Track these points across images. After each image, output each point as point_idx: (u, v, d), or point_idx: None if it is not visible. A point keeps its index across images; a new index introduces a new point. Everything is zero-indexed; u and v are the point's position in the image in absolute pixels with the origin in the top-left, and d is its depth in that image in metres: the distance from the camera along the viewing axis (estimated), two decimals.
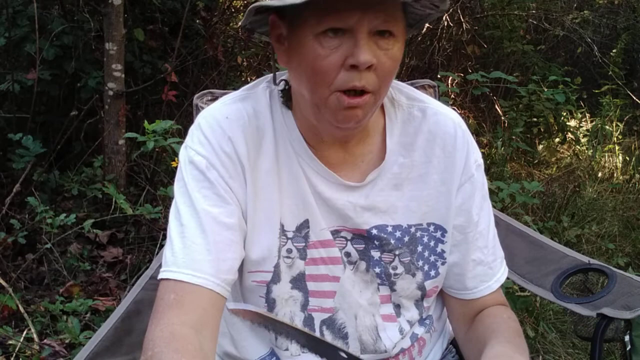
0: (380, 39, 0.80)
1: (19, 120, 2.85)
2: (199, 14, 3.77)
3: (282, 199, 0.93)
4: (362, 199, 0.95)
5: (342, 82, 0.80)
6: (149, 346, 0.77)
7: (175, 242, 0.86)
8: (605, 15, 5.72)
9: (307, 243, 0.95)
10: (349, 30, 0.78)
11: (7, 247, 2.39)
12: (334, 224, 0.96)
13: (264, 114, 0.93)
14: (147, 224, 2.68)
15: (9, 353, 1.87)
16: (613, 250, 3.02)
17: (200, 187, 0.88)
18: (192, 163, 0.89)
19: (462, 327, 1.04)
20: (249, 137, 0.91)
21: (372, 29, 0.79)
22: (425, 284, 1.00)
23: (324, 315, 0.98)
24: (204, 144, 0.89)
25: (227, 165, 0.89)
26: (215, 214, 0.87)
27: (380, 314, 1.00)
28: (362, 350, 1.00)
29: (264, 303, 0.97)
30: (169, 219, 0.90)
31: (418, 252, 0.98)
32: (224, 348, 1.05)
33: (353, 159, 0.95)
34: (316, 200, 0.94)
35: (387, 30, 0.80)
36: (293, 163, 0.93)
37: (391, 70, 0.83)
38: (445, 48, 4.68)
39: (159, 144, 2.13)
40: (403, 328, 1.01)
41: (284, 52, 0.87)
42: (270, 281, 0.95)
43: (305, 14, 0.80)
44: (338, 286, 0.97)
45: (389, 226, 0.96)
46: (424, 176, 0.96)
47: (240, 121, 0.91)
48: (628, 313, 1.16)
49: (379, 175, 0.95)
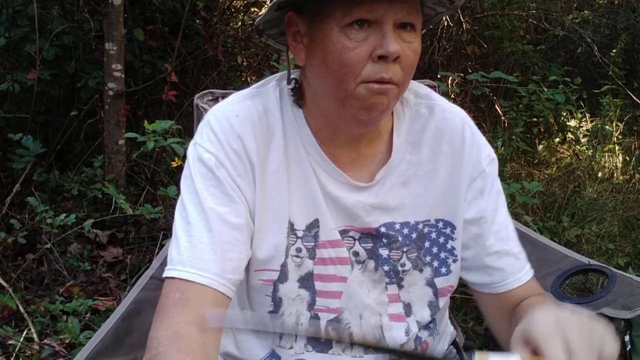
0: (404, 32, 0.82)
1: (19, 120, 2.85)
2: (199, 14, 3.77)
3: (291, 197, 0.93)
4: (372, 198, 0.95)
5: (369, 73, 0.81)
6: (152, 345, 0.77)
7: (182, 241, 0.85)
8: (605, 15, 5.72)
9: (316, 242, 0.95)
10: (375, 22, 0.80)
11: (7, 247, 2.39)
12: (342, 223, 0.95)
13: (273, 112, 0.93)
14: (147, 224, 2.68)
15: (9, 353, 1.87)
16: (613, 250, 3.02)
17: (208, 185, 0.87)
18: (201, 161, 0.89)
19: (501, 323, 1.00)
20: (259, 136, 0.91)
21: (397, 21, 0.80)
22: (436, 280, 0.99)
23: (330, 316, 0.98)
24: (213, 141, 0.89)
25: (236, 163, 0.89)
26: (223, 213, 0.86)
27: (388, 313, 0.99)
28: (365, 350, 0.99)
29: (270, 302, 0.97)
30: (175, 215, 0.89)
31: (425, 248, 0.98)
32: (225, 348, 1.05)
33: (363, 159, 0.96)
34: (325, 199, 0.94)
35: (410, 23, 0.82)
36: (303, 162, 0.93)
37: (414, 64, 0.85)
38: (445, 48, 4.68)
39: (159, 144, 2.13)
40: (410, 329, 1.00)
41: (302, 50, 0.87)
42: (277, 280, 0.95)
43: (330, 8, 0.80)
44: (345, 286, 0.97)
45: (396, 223, 0.97)
46: (431, 173, 0.96)
47: (250, 119, 0.91)
48: (628, 313, 1.16)
49: (387, 173, 0.95)
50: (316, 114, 0.92)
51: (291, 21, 0.87)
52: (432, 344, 1.06)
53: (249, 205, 0.90)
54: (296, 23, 0.87)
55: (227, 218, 0.87)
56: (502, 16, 4.80)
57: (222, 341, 1.05)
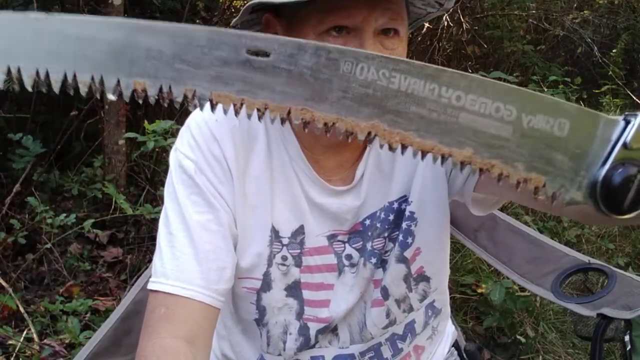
0: (386, 39, 0.77)
1: (19, 120, 2.85)
2: (199, 14, 3.77)
3: (274, 204, 0.90)
4: (357, 201, 0.92)
5: None
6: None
7: (165, 252, 0.83)
8: (605, 15, 5.72)
9: (302, 250, 0.93)
10: (355, 29, 0.75)
11: (7, 247, 2.39)
12: (329, 228, 0.93)
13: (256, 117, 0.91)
14: (147, 224, 2.68)
15: (9, 353, 1.87)
16: (613, 250, 3.02)
17: (189, 193, 0.85)
18: (182, 167, 0.87)
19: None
20: (238, 141, 0.88)
21: (378, 28, 0.76)
22: (405, 254, 0.95)
23: (319, 326, 0.96)
24: (192, 147, 0.87)
25: (216, 169, 0.86)
26: (204, 222, 0.84)
27: (372, 299, 0.97)
28: (351, 341, 0.98)
29: (255, 310, 0.96)
30: (159, 225, 0.87)
31: (399, 226, 0.94)
32: (223, 350, 1.05)
33: (348, 164, 0.93)
34: (310, 206, 0.91)
35: (393, 29, 0.77)
36: (286, 167, 0.90)
37: None
38: (445, 48, 4.68)
39: (159, 144, 2.13)
40: (390, 310, 0.98)
41: None
42: (259, 289, 0.93)
43: (306, 12, 0.76)
44: (332, 294, 0.95)
45: (377, 211, 0.94)
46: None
47: (229, 124, 0.88)
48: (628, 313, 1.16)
49: (365, 167, 0.92)
50: None
51: (269, 23, 0.84)
52: (428, 346, 1.05)
53: (231, 212, 0.88)
54: (273, 25, 0.83)
55: (210, 226, 0.84)
56: (502, 16, 4.80)
57: (219, 344, 1.05)
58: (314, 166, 0.90)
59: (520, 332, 2.37)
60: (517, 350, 2.34)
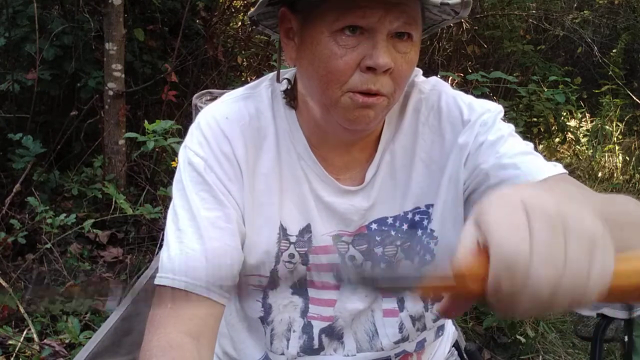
0: (399, 42, 0.77)
1: (19, 120, 2.85)
2: (199, 14, 3.77)
3: (283, 201, 0.90)
4: (365, 202, 0.92)
5: (355, 83, 0.77)
6: (145, 356, 0.76)
7: (172, 247, 0.84)
8: (605, 15, 5.72)
9: (309, 248, 0.92)
10: (369, 29, 0.75)
11: (7, 247, 2.39)
12: (334, 228, 0.93)
13: (265, 114, 0.90)
14: (147, 224, 2.68)
15: (9, 353, 1.87)
16: None
17: (198, 190, 0.86)
18: (191, 164, 0.87)
19: None
20: (249, 139, 0.88)
21: (392, 30, 0.75)
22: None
23: (323, 324, 0.96)
24: (202, 144, 0.87)
25: (226, 167, 0.87)
26: (213, 219, 0.84)
27: (382, 308, 0.97)
28: (358, 349, 0.98)
29: (261, 307, 0.96)
30: (167, 220, 0.87)
31: (417, 237, 0.94)
32: (224, 348, 1.05)
33: (356, 163, 0.92)
34: (317, 204, 0.91)
35: (407, 33, 0.77)
36: (295, 165, 0.90)
37: (407, 75, 0.80)
38: (445, 48, 4.68)
39: (159, 144, 2.13)
40: (404, 324, 0.98)
41: (293, 48, 0.84)
42: (266, 286, 0.93)
43: (322, 9, 0.76)
44: (338, 294, 0.95)
45: (389, 218, 0.93)
46: (412, 157, 0.92)
47: (240, 122, 0.88)
48: (628, 313, 1.16)
49: (376, 170, 0.92)
50: (307, 116, 0.89)
51: (284, 17, 0.84)
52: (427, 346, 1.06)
53: (240, 209, 0.88)
54: (289, 19, 0.83)
55: (218, 223, 0.85)
56: (502, 16, 4.80)
57: (221, 341, 1.05)
58: (323, 164, 0.90)
59: (520, 332, 2.37)
60: (517, 350, 2.34)
